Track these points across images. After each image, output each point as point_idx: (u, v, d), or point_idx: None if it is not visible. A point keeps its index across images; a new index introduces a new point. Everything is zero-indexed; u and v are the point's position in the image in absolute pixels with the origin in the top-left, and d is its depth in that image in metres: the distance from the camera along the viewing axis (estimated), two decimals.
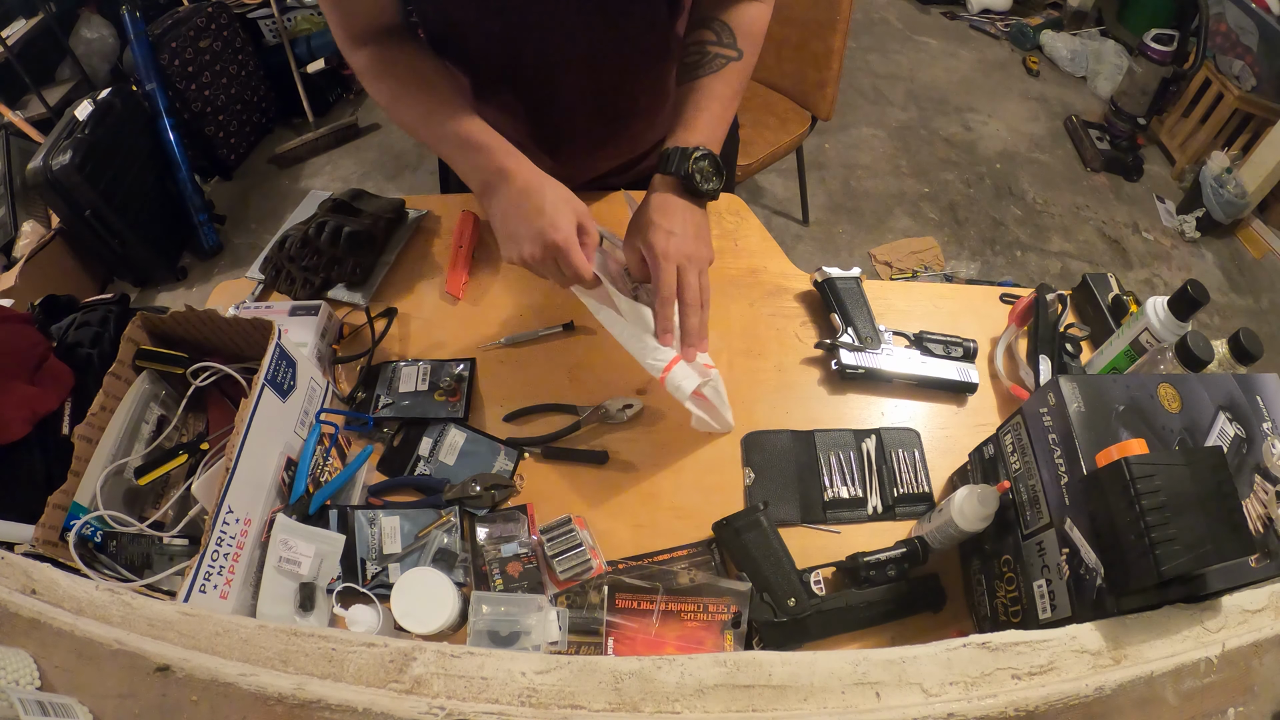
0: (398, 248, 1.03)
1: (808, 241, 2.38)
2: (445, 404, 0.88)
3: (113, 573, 0.69)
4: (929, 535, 0.73)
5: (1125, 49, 2.91)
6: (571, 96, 0.90)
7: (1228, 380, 0.66)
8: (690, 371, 0.76)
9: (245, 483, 0.70)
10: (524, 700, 0.47)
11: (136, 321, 0.79)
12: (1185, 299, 0.78)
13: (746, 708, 0.47)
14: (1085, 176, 2.65)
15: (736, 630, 0.71)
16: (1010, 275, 2.30)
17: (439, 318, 0.98)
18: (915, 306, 0.98)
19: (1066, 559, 0.59)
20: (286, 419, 0.78)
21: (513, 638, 0.68)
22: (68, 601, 0.51)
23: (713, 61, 0.81)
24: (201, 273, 2.37)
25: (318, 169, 2.70)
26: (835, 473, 0.82)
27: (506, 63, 0.86)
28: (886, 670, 0.49)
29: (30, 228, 2.15)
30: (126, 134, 2.18)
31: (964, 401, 0.90)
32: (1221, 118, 2.46)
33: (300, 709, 0.45)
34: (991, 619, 0.69)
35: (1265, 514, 0.60)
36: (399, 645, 0.49)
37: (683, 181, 0.77)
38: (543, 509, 0.80)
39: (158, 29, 2.33)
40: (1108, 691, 0.48)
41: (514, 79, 0.89)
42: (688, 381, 0.75)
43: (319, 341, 0.90)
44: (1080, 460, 0.59)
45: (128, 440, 0.76)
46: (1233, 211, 2.35)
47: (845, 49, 1.70)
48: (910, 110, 2.88)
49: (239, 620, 0.51)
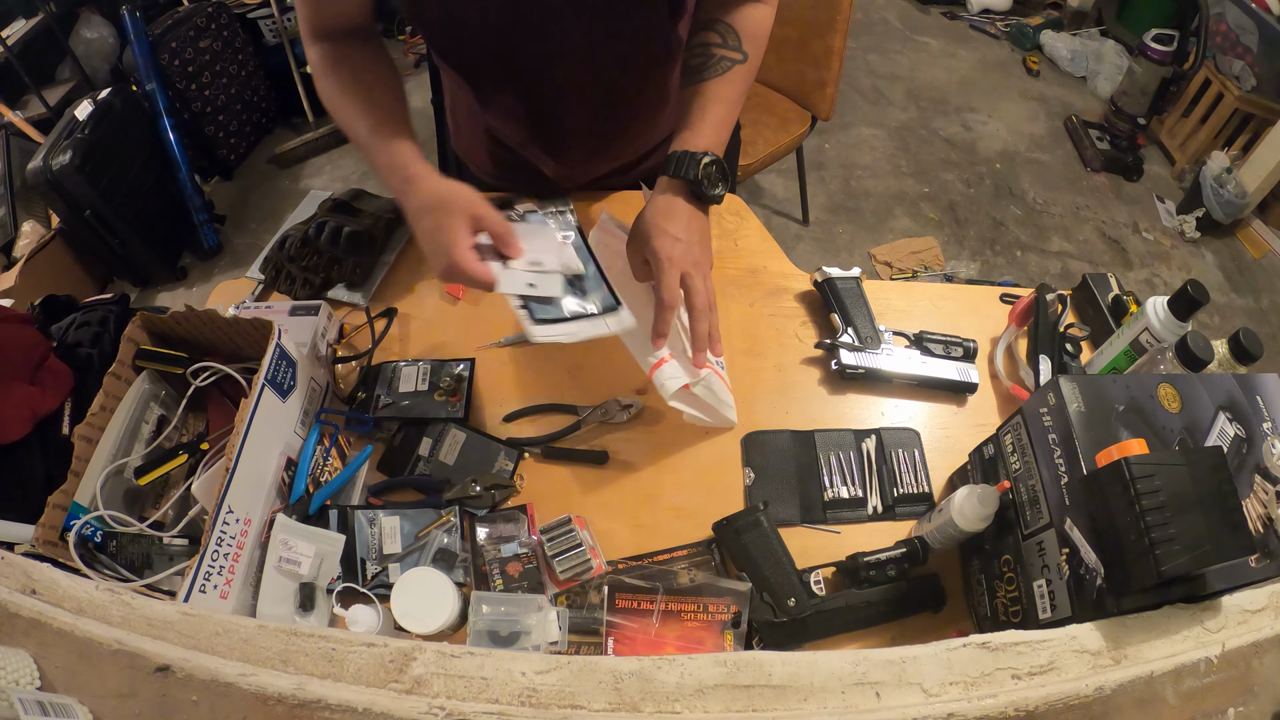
0: (398, 248, 1.03)
1: (808, 241, 2.38)
2: (445, 404, 0.88)
3: (113, 573, 0.69)
4: (929, 535, 0.73)
5: (1125, 49, 2.91)
6: (572, 98, 0.90)
7: (1228, 380, 0.66)
8: (678, 370, 0.77)
9: (245, 483, 0.70)
10: (524, 700, 0.47)
11: (136, 321, 0.79)
12: (1185, 299, 0.78)
13: (746, 708, 0.47)
14: (1085, 176, 2.65)
15: (736, 630, 0.71)
16: (1010, 275, 2.30)
17: (439, 318, 0.98)
18: (915, 306, 0.98)
19: (1066, 559, 0.59)
20: (286, 419, 0.78)
21: (513, 638, 0.68)
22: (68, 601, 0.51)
23: (718, 64, 0.81)
24: (201, 273, 2.37)
25: (318, 169, 2.70)
26: (835, 473, 0.82)
27: (506, 64, 0.86)
28: (886, 670, 0.49)
29: (30, 228, 2.15)
30: (126, 134, 2.18)
31: (964, 401, 0.90)
32: (1221, 118, 2.46)
33: (300, 709, 0.45)
34: (991, 619, 0.69)
35: (1265, 514, 0.60)
36: (399, 645, 0.49)
37: (690, 186, 0.77)
38: (543, 509, 0.80)
39: (158, 29, 2.33)
40: (1108, 691, 0.48)
41: (514, 80, 0.89)
42: (673, 381, 0.76)
43: (319, 341, 0.90)
44: (1080, 460, 0.59)
45: (128, 440, 0.76)
46: (1233, 211, 2.35)
47: (845, 49, 1.70)
48: (910, 110, 2.88)
49: (239, 620, 0.51)
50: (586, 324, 0.75)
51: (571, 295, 0.77)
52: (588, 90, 0.89)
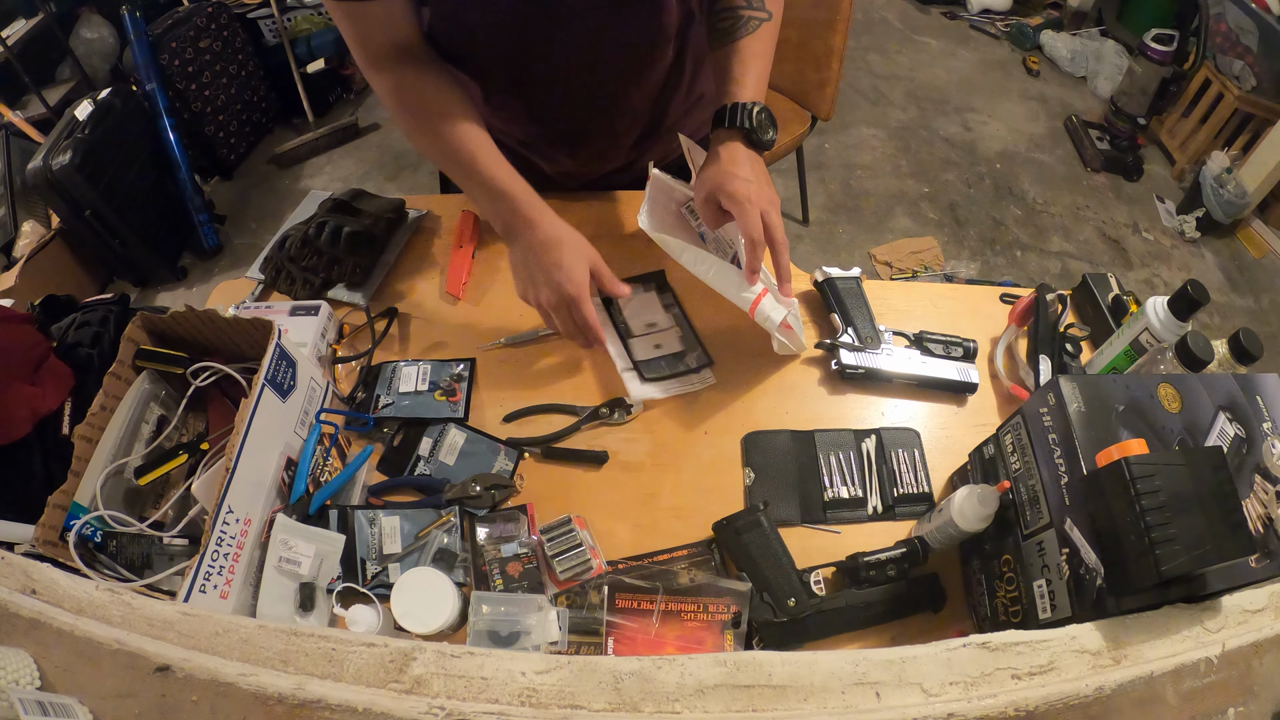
0: (398, 248, 1.03)
1: (808, 241, 2.38)
2: (445, 404, 0.88)
3: (113, 573, 0.69)
4: (929, 535, 0.73)
5: (1125, 49, 2.91)
6: (576, 97, 0.90)
7: (1228, 380, 0.66)
8: (776, 304, 0.84)
9: (245, 483, 0.70)
10: (524, 700, 0.47)
11: (136, 321, 0.79)
12: (1185, 299, 0.78)
13: (746, 708, 0.47)
14: (1085, 176, 2.65)
15: (736, 630, 0.71)
16: (1010, 275, 2.30)
17: (439, 318, 0.98)
18: (915, 306, 0.98)
19: (1066, 559, 0.59)
20: (286, 419, 0.78)
21: (513, 638, 0.68)
22: (68, 601, 0.51)
23: (747, 24, 0.87)
24: (201, 273, 2.37)
25: (318, 169, 2.69)
26: (835, 473, 0.82)
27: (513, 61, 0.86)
28: (886, 670, 0.49)
29: (30, 228, 2.15)
30: (126, 134, 2.18)
31: (964, 401, 0.90)
32: (1221, 118, 2.46)
33: (300, 709, 0.45)
34: (991, 619, 0.69)
35: (1265, 514, 0.60)
36: (399, 645, 0.49)
37: (745, 135, 0.83)
38: (543, 509, 0.80)
39: (158, 29, 2.32)
40: (1108, 691, 0.48)
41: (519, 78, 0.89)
42: (776, 313, 0.83)
43: (319, 341, 0.90)
44: (1080, 460, 0.59)
45: (128, 440, 0.76)
46: (1233, 211, 2.35)
47: (845, 49, 1.70)
48: (910, 110, 2.88)
49: (239, 620, 0.51)
50: (685, 380, 0.89)
51: (671, 356, 0.91)
52: (592, 88, 0.90)
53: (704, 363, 0.91)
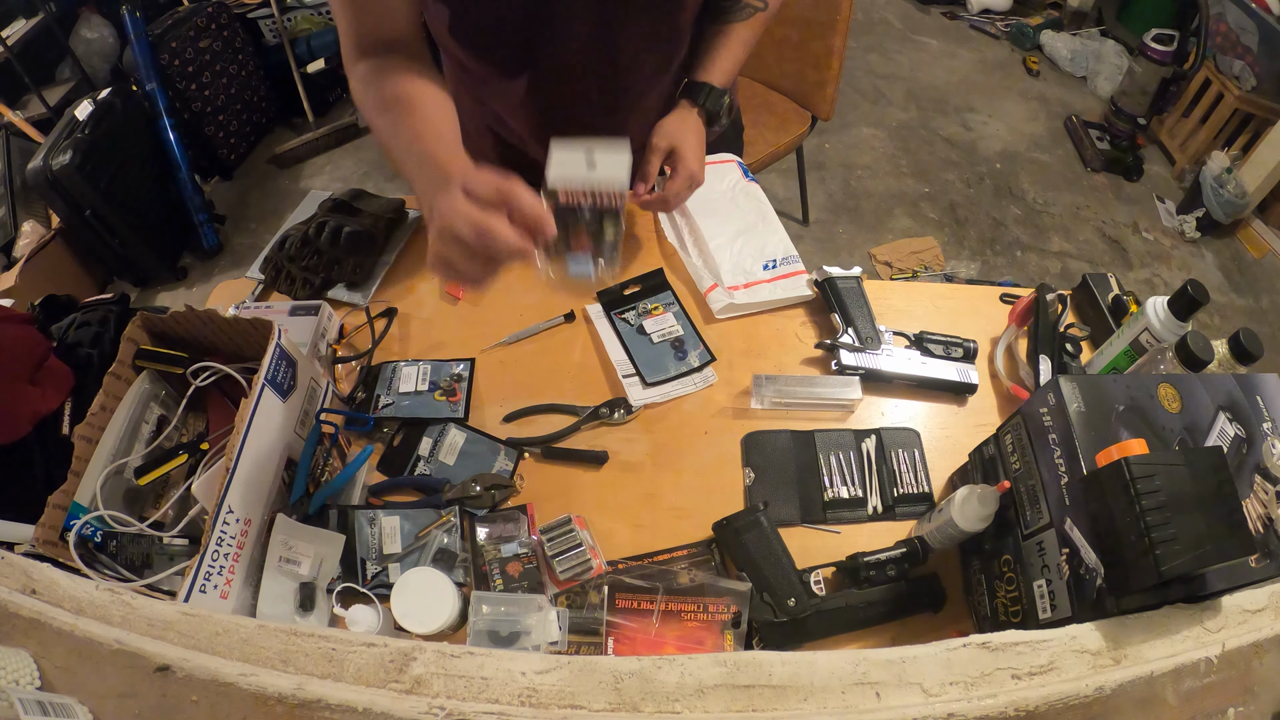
0: (398, 248, 1.03)
1: (808, 241, 2.38)
2: (445, 404, 0.88)
3: (113, 573, 0.69)
4: (929, 535, 0.73)
5: (1125, 49, 2.91)
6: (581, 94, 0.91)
7: (1228, 380, 0.66)
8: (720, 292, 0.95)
9: (245, 483, 0.70)
10: (524, 700, 0.47)
11: (136, 321, 0.79)
12: (1185, 299, 0.78)
13: (746, 708, 0.47)
14: (1085, 176, 2.65)
15: (736, 630, 0.71)
16: (1010, 275, 2.30)
17: (439, 318, 0.98)
18: (915, 306, 0.98)
19: (1066, 559, 0.59)
20: (286, 419, 0.78)
21: (513, 638, 0.68)
22: (68, 601, 0.51)
23: (743, 10, 0.93)
24: (201, 273, 2.37)
25: (318, 169, 2.69)
26: (835, 473, 0.82)
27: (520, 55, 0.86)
28: (886, 670, 0.49)
29: (30, 228, 2.15)
30: (126, 134, 2.18)
31: (964, 401, 0.90)
32: (1221, 118, 2.46)
33: (300, 709, 0.45)
34: (991, 619, 0.69)
35: (1265, 514, 0.60)
36: (399, 645, 0.49)
37: (706, 115, 0.93)
38: (543, 509, 0.80)
39: (158, 29, 2.32)
40: (1108, 691, 0.48)
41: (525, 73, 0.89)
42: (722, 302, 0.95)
43: (319, 341, 0.90)
44: (1080, 460, 0.59)
45: (128, 440, 0.76)
46: (1233, 211, 2.35)
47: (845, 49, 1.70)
48: (910, 110, 2.88)
49: (239, 620, 0.51)
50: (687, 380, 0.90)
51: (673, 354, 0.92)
52: (596, 84, 0.90)
53: (706, 361, 0.91)
